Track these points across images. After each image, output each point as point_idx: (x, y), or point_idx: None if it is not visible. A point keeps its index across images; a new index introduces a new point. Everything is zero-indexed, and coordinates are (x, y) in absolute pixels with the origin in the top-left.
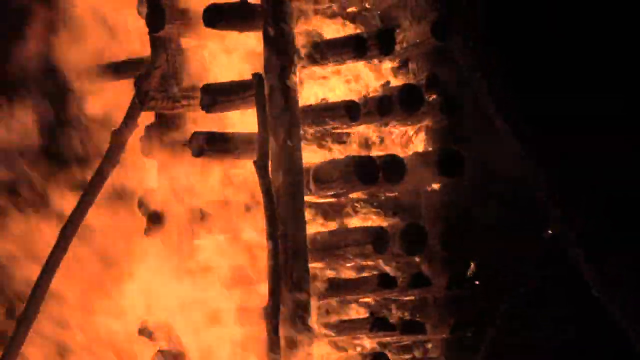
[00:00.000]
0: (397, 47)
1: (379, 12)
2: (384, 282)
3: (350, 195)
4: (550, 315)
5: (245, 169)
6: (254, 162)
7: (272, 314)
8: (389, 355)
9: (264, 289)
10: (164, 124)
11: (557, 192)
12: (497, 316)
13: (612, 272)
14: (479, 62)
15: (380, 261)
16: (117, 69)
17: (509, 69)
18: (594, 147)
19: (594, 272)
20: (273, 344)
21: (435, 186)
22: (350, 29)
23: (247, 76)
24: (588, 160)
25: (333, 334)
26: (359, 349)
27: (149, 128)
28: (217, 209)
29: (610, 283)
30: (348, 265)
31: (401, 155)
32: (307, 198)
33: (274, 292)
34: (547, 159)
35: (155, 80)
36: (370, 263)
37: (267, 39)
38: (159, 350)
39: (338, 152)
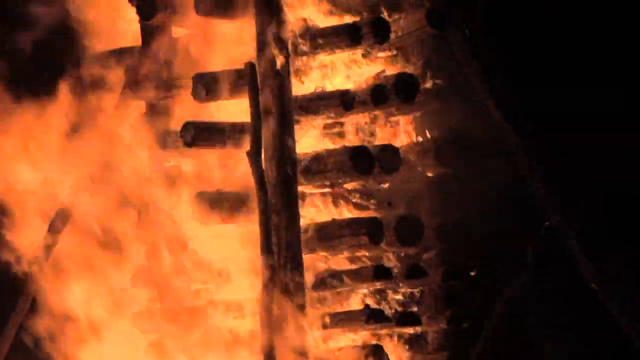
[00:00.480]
0: (392, 36)
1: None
2: (380, 273)
3: (345, 186)
4: (548, 308)
5: (237, 159)
6: (247, 152)
7: (265, 307)
8: (385, 347)
9: (257, 280)
10: (155, 113)
11: (556, 187)
12: (495, 308)
13: (611, 269)
14: (477, 54)
15: (376, 252)
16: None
17: (508, 63)
18: (593, 143)
19: (592, 268)
20: (266, 337)
21: (432, 176)
22: (345, 17)
23: (240, 65)
24: (587, 156)
25: (328, 326)
26: (354, 340)
27: (139, 117)
28: (209, 200)
29: (610, 280)
30: (343, 256)
31: (397, 145)
32: (301, 188)
33: (268, 284)
34: (546, 153)
35: (146, 68)
36: (365, 254)
37: (259, 27)
38: None
39: (332, 142)
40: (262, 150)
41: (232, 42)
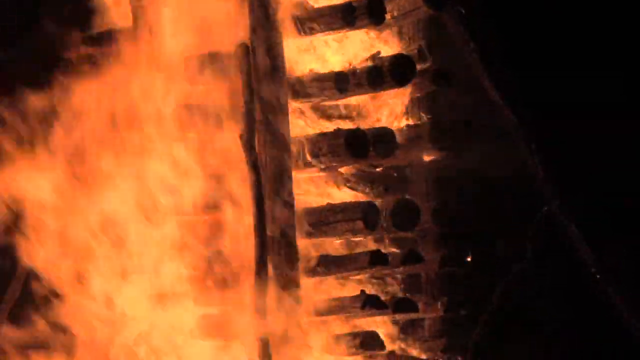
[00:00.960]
0: (388, 16)
1: None
2: (375, 259)
3: (340, 170)
4: (547, 295)
5: (230, 142)
6: (240, 136)
7: (258, 292)
8: (381, 333)
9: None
10: None
11: (555, 174)
12: (494, 296)
13: (610, 260)
14: (475, 35)
15: (371, 238)
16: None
17: (507, 45)
18: (592, 131)
19: (592, 254)
20: (260, 320)
21: (428, 160)
22: None
23: (233, 46)
24: (586, 144)
25: (323, 313)
26: (349, 327)
27: None
28: (204, 184)
29: (609, 270)
30: (338, 241)
31: (392, 128)
32: (295, 172)
33: (261, 270)
34: (545, 141)
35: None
36: (360, 239)
37: (252, 7)
38: None
39: (327, 125)
40: (255, 133)
41: (224, 23)
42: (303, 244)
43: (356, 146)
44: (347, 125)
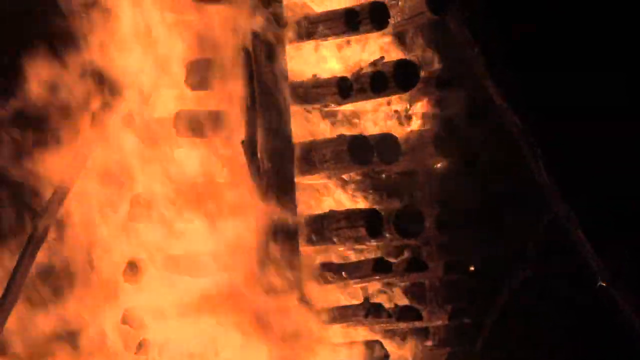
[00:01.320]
0: (391, 21)
1: None
2: (379, 266)
3: (343, 176)
4: (550, 301)
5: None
6: (242, 142)
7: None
8: (385, 342)
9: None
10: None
11: (558, 176)
12: (497, 303)
13: (612, 261)
14: (478, 40)
15: (375, 245)
16: None
17: (509, 49)
18: (594, 134)
19: (595, 255)
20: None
21: (432, 166)
22: (342, 2)
23: (233, 51)
24: (590, 147)
25: (326, 321)
26: (353, 335)
27: None
28: (205, 189)
29: (613, 272)
30: (341, 249)
31: (396, 134)
32: (297, 179)
33: (261, 272)
34: (548, 143)
35: None
36: (364, 247)
37: (254, 12)
38: None
39: (330, 131)
40: (257, 139)
41: (226, 28)
42: (306, 251)
43: (359, 152)
44: (350, 131)
